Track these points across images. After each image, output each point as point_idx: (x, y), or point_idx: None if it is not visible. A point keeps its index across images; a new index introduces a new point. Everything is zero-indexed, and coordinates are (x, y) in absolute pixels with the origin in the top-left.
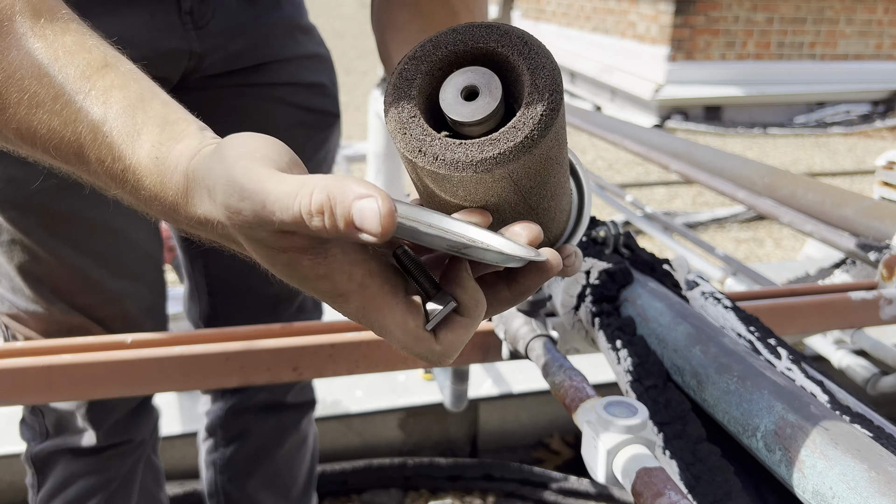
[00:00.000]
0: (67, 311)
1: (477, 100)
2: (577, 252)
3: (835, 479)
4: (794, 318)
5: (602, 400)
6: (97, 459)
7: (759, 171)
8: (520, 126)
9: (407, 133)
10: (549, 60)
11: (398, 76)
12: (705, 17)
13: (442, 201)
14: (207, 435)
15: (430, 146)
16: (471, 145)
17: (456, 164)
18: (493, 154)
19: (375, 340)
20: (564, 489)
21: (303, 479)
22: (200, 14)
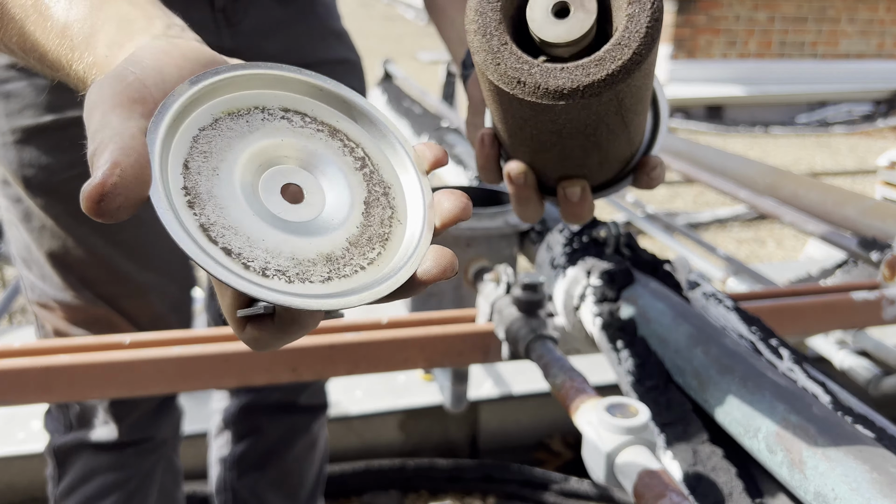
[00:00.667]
0: (94, 302)
1: (570, 16)
2: (661, 163)
3: (837, 481)
4: (796, 319)
5: (603, 401)
6: (117, 456)
7: (761, 171)
8: (626, 42)
9: (501, 63)
10: None
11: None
12: (707, 17)
13: (534, 133)
14: (218, 431)
15: (530, 75)
16: (575, 69)
17: (562, 93)
18: (602, 76)
19: (375, 341)
20: (565, 490)
21: (311, 481)
22: (233, 12)
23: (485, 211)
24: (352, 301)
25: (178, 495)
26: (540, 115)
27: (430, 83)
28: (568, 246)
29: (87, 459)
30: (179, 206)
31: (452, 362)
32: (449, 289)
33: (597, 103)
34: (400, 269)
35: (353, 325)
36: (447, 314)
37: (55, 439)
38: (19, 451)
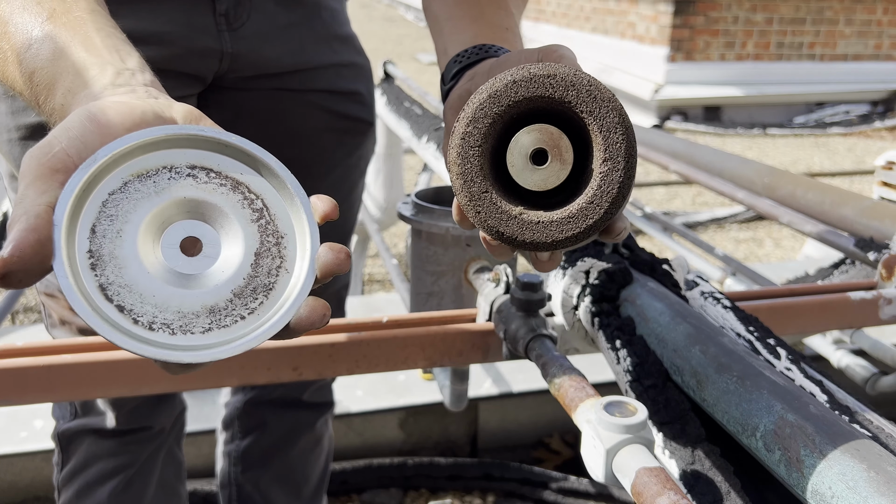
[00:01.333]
0: None
1: (547, 165)
2: (626, 227)
3: (834, 479)
4: (794, 318)
5: (602, 400)
6: (117, 443)
7: (759, 171)
8: (598, 201)
9: (481, 212)
10: (620, 118)
11: (462, 142)
12: (705, 18)
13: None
14: (224, 426)
15: (508, 227)
16: (549, 224)
17: (535, 244)
18: (574, 234)
19: (375, 340)
20: (564, 489)
21: (315, 479)
22: (235, 16)
23: None
24: (222, 352)
25: (179, 489)
26: (516, 248)
27: (430, 84)
28: None
29: (89, 445)
30: (83, 269)
31: (452, 361)
32: (449, 289)
33: (564, 249)
34: (274, 318)
35: (354, 324)
36: (447, 314)
37: (60, 425)
38: (22, 449)
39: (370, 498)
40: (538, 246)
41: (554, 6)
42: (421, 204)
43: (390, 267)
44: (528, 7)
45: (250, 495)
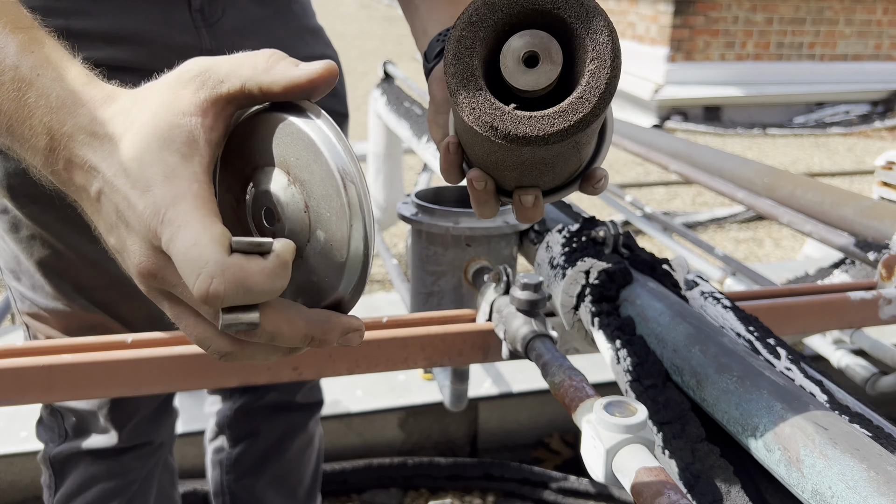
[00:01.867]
0: (88, 308)
1: (538, 67)
2: (605, 175)
3: (834, 479)
4: (794, 318)
5: (601, 399)
6: (118, 462)
7: (759, 171)
8: (587, 96)
9: (476, 109)
10: (605, 22)
11: (457, 44)
12: (705, 18)
13: (498, 161)
14: (215, 435)
15: (502, 122)
16: (541, 118)
17: (529, 139)
18: (565, 126)
19: (376, 340)
20: (564, 489)
21: (309, 478)
22: (211, 12)
23: None
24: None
25: (174, 495)
26: (507, 152)
27: None
28: (567, 246)
29: (87, 467)
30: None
31: (452, 361)
32: (449, 289)
33: (558, 146)
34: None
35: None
36: (447, 314)
37: (50, 448)
38: (22, 449)
39: (370, 498)
40: (530, 140)
41: None
42: (421, 204)
43: (390, 267)
44: None
45: (246, 503)
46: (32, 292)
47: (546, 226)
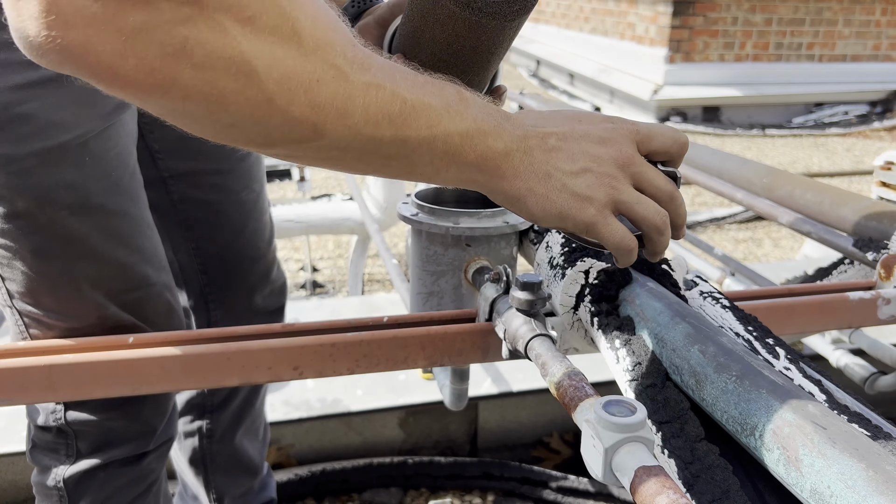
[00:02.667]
0: (118, 313)
1: None
2: (506, 91)
3: (833, 478)
4: (793, 318)
5: (601, 399)
6: (141, 466)
7: (758, 172)
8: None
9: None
10: None
11: None
12: (704, 19)
13: (452, 50)
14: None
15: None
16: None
17: (497, 12)
18: (520, 6)
19: (376, 339)
20: (564, 488)
21: (264, 414)
22: None
23: (484, 211)
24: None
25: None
26: (471, 31)
27: None
28: (566, 246)
29: (107, 480)
30: None
31: (452, 361)
32: (449, 289)
33: (509, 27)
34: None
35: (355, 324)
36: (447, 314)
37: (59, 472)
38: (23, 448)
39: (370, 497)
40: (497, 13)
41: (553, 7)
42: (421, 204)
43: (390, 267)
44: None
45: (226, 459)
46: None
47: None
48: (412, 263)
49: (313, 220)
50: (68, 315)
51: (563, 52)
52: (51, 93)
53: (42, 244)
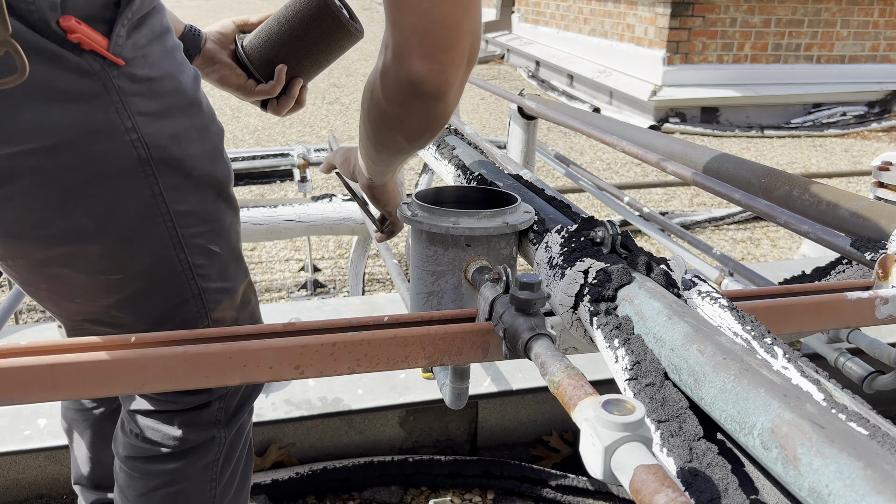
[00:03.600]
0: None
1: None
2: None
3: (831, 477)
4: (791, 318)
5: (600, 398)
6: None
7: (756, 172)
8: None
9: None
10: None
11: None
12: (702, 20)
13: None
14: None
15: (346, 13)
16: (351, 16)
17: (354, 27)
18: (358, 27)
19: (377, 339)
20: (563, 486)
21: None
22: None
23: (484, 211)
24: None
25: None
26: (345, 40)
27: None
28: (565, 246)
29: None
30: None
31: (452, 360)
32: (449, 289)
33: (350, 39)
34: None
35: (356, 323)
36: (447, 313)
37: (221, 436)
38: (25, 447)
39: (371, 495)
40: (353, 29)
41: (553, 9)
42: (421, 204)
43: (391, 267)
44: (527, 10)
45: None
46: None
47: (545, 226)
48: (412, 263)
49: (314, 221)
50: (236, 286)
51: (563, 53)
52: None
53: (235, 222)
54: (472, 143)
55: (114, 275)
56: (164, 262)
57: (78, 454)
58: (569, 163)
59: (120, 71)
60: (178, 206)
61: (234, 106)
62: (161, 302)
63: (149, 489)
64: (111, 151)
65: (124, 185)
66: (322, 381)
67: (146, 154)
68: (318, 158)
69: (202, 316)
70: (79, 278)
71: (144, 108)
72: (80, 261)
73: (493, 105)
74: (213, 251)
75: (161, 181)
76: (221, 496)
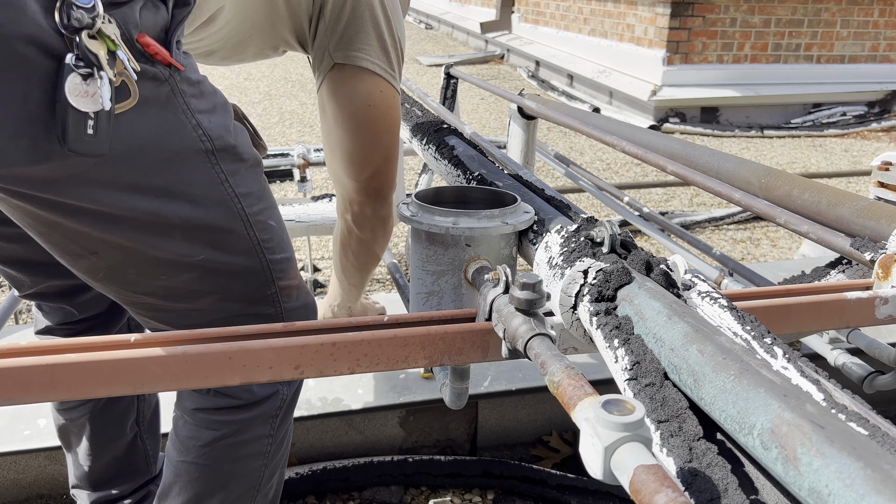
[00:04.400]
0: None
1: None
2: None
3: (831, 477)
4: (791, 318)
5: (600, 398)
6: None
7: (756, 172)
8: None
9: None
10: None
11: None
12: (702, 20)
13: None
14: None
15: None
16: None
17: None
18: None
19: (377, 339)
20: (563, 486)
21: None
22: None
23: (484, 211)
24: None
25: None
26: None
27: (430, 86)
28: (565, 246)
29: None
30: None
31: (452, 360)
32: (449, 289)
33: None
34: None
35: (356, 323)
36: (447, 313)
37: (285, 391)
38: (25, 447)
39: (371, 495)
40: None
41: (553, 9)
42: (421, 204)
43: (391, 267)
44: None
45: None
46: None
47: (545, 226)
48: (412, 263)
49: (314, 221)
50: (292, 255)
51: (563, 53)
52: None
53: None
54: (472, 143)
55: (194, 256)
56: (237, 240)
57: (78, 450)
58: (569, 163)
59: (181, 76)
60: (241, 188)
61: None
62: (234, 274)
63: (214, 439)
64: (185, 146)
65: (197, 175)
66: (322, 381)
67: (211, 146)
68: (318, 158)
69: (269, 284)
70: (162, 258)
71: (200, 107)
72: (164, 242)
73: (493, 105)
74: (271, 225)
75: (224, 168)
76: (274, 452)
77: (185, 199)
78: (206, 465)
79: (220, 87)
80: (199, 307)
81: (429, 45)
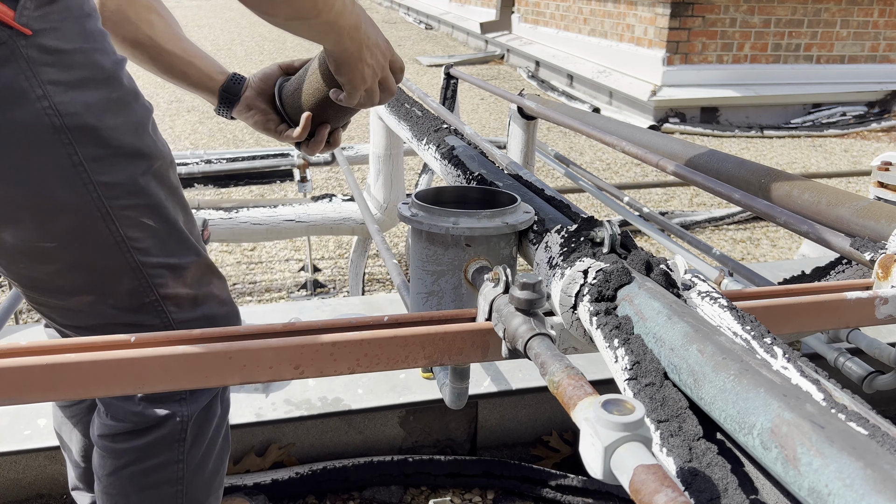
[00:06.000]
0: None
1: None
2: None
3: (831, 477)
4: (790, 318)
5: (600, 398)
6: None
7: (755, 172)
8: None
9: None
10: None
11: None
12: (702, 20)
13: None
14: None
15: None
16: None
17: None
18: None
19: (377, 339)
20: (563, 486)
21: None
22: None
23: (484, 211)
24: None
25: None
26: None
27: (430, 86)
28: (565, 246)
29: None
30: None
31: (452, 360)
32: (449, 289)
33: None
34: None
35: (356, 323)
36: (447, 313)
37: (184, 411)
38: (25, 447)
39: (371, 495)
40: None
41: (553, 9)
42: (421, 204)
43: (391, 267)
44: (527, 10)
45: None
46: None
47: (545, 226)
48: (412, 263)
49: (314, 221)
50: (183, 263)
51: (563, 53)
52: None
53: (173, 202)
54: (472, 143)
55: (45, 243)
56: (92, 232)
57: (74, 450)
58: (568, 163)
59: (28, 40)
60: (102, 176)
61: None
62: (98, 273)
63: (116, 468)
64: (25, 118)
65: (42, 154)
66: (322, 380)
67: (60, 122)
68: (318, 159)
69: (147, 290)
70: (15, 244)
71: (56, 77)
72: (12, 227)
73: (493, 105)
74: (146, 224)
75: (80, 150)
76: (191, 479)
77: (23, 175)
78: (114, 496)
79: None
80: (72, 306)
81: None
